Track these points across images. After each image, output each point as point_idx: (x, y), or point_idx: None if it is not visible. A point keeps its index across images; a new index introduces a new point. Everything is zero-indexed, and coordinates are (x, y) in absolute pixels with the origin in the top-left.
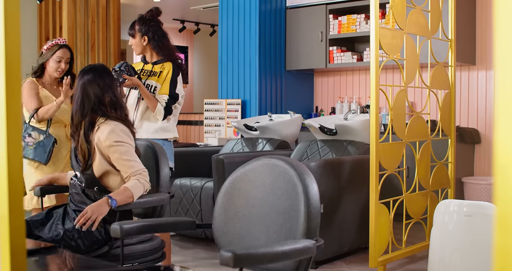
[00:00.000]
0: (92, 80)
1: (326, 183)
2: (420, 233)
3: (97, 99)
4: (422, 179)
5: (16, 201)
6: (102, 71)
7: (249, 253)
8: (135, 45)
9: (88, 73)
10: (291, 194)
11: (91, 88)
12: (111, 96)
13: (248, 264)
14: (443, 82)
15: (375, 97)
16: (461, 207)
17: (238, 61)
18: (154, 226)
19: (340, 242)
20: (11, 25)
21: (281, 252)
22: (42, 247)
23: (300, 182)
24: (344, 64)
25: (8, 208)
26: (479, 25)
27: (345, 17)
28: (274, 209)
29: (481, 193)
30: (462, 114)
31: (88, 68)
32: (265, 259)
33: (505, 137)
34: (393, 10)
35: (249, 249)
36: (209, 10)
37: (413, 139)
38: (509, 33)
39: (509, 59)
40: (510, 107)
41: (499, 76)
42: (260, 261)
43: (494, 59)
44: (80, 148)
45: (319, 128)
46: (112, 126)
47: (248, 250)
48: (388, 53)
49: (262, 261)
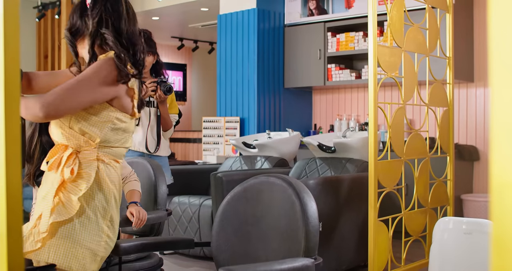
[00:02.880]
0: None
1: (324, 201)
2: (419, 251)
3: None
4: (421, 197)
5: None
6: None
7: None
8: (150, 63)
9: None
10: (289, 212)
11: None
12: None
13: None
14: (441, 100)
15: (374, 115)
16: (460, 224)
17: (237, 79)
18: (152, 244)
19: (338, 260)
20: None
21: (280, 270)
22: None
23: (299, 200)
24: (342, 81)
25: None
26: (477, 42)
27: (343, 35)
28: (272, 227)
29: (480, 210)
30: (460, 132)
31: None
32: None
33: (501, 154)
34: (391, 28)
35: (247, 267)
36: (207, 28)
37: (411, 157)
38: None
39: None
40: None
41: (494, 94)
42: None
43: (490, 77)
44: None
45: (317, 146)
46: None
47: (246, 268)
48: (387, 71)
49: None
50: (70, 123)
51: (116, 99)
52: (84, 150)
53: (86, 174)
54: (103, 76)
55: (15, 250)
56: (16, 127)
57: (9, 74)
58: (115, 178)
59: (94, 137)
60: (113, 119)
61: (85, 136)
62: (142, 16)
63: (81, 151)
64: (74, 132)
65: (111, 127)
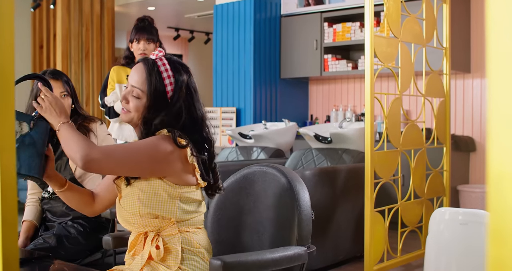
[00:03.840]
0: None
1: (321, 191)
2: (416, 242)
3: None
4: (417, 187)
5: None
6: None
7: (239, 261)
8: (150, 51)
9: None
10: (282, 201)
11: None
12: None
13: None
14: (438, 90)
15: (370, 106)
16: (456, 215)
17: (233, 69)
18: None
19: (335, 251)
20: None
21: (271, 259)
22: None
23: (291, 189)
24: (339, 72)
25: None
26: (474, 33)
27: (340, 25)
28: (265, 217)
29: (477, 201)
30: (457, 122)
31: None
32: (255, 266)
33: (498, 145)
34: (388, 19)
35: (238, 256)
36: (203, 18)
37: (408, 147)
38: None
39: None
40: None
41: (492, 84)
42: (250, 269)
43: (487, 67)
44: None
45: (314, 136)
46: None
47: (238, 257)
48: (383, 61)
49: (252, 269)
50: (140, 211)
51: (174, 177)
52: (163, 229)
53: (173, 249)
54: (156, 152)
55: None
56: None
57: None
58: (203, 240)
59: (168, 217)
60: (179, 195)
61: (159, 218)
62: (138, 6)
63: (162, 230)
64: (147, 219)
65: (180, 203)
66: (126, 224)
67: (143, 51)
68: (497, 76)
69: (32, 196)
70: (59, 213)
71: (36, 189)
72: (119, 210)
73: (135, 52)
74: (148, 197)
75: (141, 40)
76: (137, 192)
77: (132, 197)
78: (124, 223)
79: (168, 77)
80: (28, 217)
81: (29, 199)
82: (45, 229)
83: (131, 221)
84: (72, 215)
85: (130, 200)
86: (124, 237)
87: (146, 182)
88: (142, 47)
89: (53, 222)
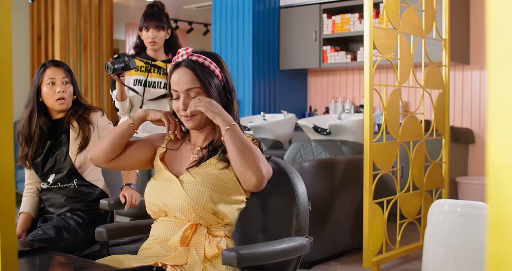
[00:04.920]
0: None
1: (319, 183)
2: (414, 233)
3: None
4: (416, 179)
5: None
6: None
7: (253, 252)
8: (161, 39)
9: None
10: (279, 193)
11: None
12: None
13: (250, 263)
14: (437, 82)
15: (369, 97)
16: (455, 207)
17: (232, 61)
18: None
19: (333, 242)
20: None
21: (281, 250)
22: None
23: (287, 181)
24: (337, 63)
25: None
26: (473, 24)
27: (338, 17)
28: (263, 208)
29: (475, 193)
30: (456, 114)
31: None
32: (266, 257)
33: (498, 137)
34: (387, 10)
35: (251, 248)
36: (202, 9)
37: (407, 139)
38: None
39: (501, 59)
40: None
41: (491, 76)
42: (261, 260)
43: (487, 59)
44: (83, 133)
45: (312, 128)
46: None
47: (250, 249)
48: (382, 53)
49: (263, 259)
50: (205, 204)
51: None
52: (213, 227)
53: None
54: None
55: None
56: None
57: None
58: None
59: (223, 217)
60: (240, 202)
61: (216, 215)
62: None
63: (210, 228)
64: (206, 212)
65: (237, 208)
66: (179, 211)
67: (152, 40)
68: (497, 68)
69: (30, 186)
70: (57, 205)
71: (33, 179)
72: (175, 194)
73: (145, 40)
74: (219, 195)
75: (150, 28)
76: (210, 183)
77: (202, 188)
78: (177, 208)
79: (215, 68)
80: (26, 209)
81: (26, 190)
82: (43, 220)
83: (189, 209)
84: (70, 206)
85: (200, 189)
86: (120, 228)
87: (221, 180)
88: (151, 35)
89: (52, 214)
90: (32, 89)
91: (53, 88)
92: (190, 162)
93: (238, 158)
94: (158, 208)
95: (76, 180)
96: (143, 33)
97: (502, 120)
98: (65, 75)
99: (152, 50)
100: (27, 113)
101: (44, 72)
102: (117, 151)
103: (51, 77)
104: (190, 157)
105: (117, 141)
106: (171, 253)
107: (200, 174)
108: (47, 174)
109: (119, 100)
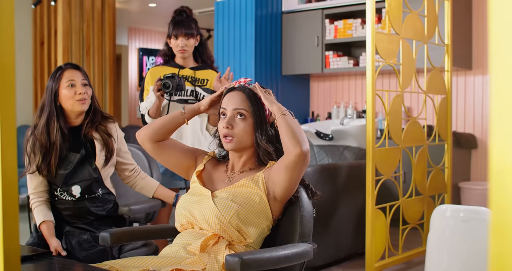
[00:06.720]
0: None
1: (322, 189)
2: (417, 239)
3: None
4: (419, 184)
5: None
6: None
7: (256, 258)
8: (190, 47)
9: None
10: None
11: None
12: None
13: (254, 269)
14: (439, 87)
15: (372, 102)
16: (458, 212)
17: (234, 66)
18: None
19: (336, 248)
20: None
21: (284, 256)
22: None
23: None
24: (340, 69)
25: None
26: (476, 30)
27: (341, 22)
28: None
29: (478, 198)
30: (458, 119)
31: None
32: (269, 263)
33: (500, 142)
34: (389, 15)
35: (254, 253)
36: (205, 14)
37: (409, 144)
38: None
39: (503, 64)
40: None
41: (494, 81)
42: (265, 266)
43: (489, 64)
44: (107, 145)
45: (315, 133)
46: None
47: (254, 254)
48: (384, 58)
49: (266, 265)
50: (231, 218)
51: (278, 211)
52: (235, 243)
53: None
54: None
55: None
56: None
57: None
58: None
59: (246, 236)
60: (265, 227)
61: (240, 232)
62: (139, 3)
63: (232, 244)
64: (230, 227)
65: (261, 232)
66: (205, 221)
67: (182, 48)
68: (499, 73)
69: (40, 195)
70: (81, 215)
71: (43, 187)
72: (204, 206)
73: (174, 49)
74: (246, 212)
75: (179, 36)
76: (239, 200)
77: (231, 203)
78: (203, 219)
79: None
80: (47, 217)
81: (36, 198)
82: (71, 233)
83: (214, 221)
84: (97, 215)
85: (228, 204)
86: (124, 233)
87: (250, 199)
88: (180, 44)
89: (75, 224)
90: (48, 94)
91: (73, 90)
92: (224, 184)
93: (289, 131)
94: (186, 219)
95: (100, 189)
96: (171, 41)
97: (505, 125)
98: (83, 77)
99: (182, 58)
100: (44, 120)
101: (62, 75)
102: (163, 134)
103: (70, 79)
104: (225, 180)
105: (166, 125)
106: (191, 256)
107: (231, 192)
108: (70, 185)
109: (153, 117)
